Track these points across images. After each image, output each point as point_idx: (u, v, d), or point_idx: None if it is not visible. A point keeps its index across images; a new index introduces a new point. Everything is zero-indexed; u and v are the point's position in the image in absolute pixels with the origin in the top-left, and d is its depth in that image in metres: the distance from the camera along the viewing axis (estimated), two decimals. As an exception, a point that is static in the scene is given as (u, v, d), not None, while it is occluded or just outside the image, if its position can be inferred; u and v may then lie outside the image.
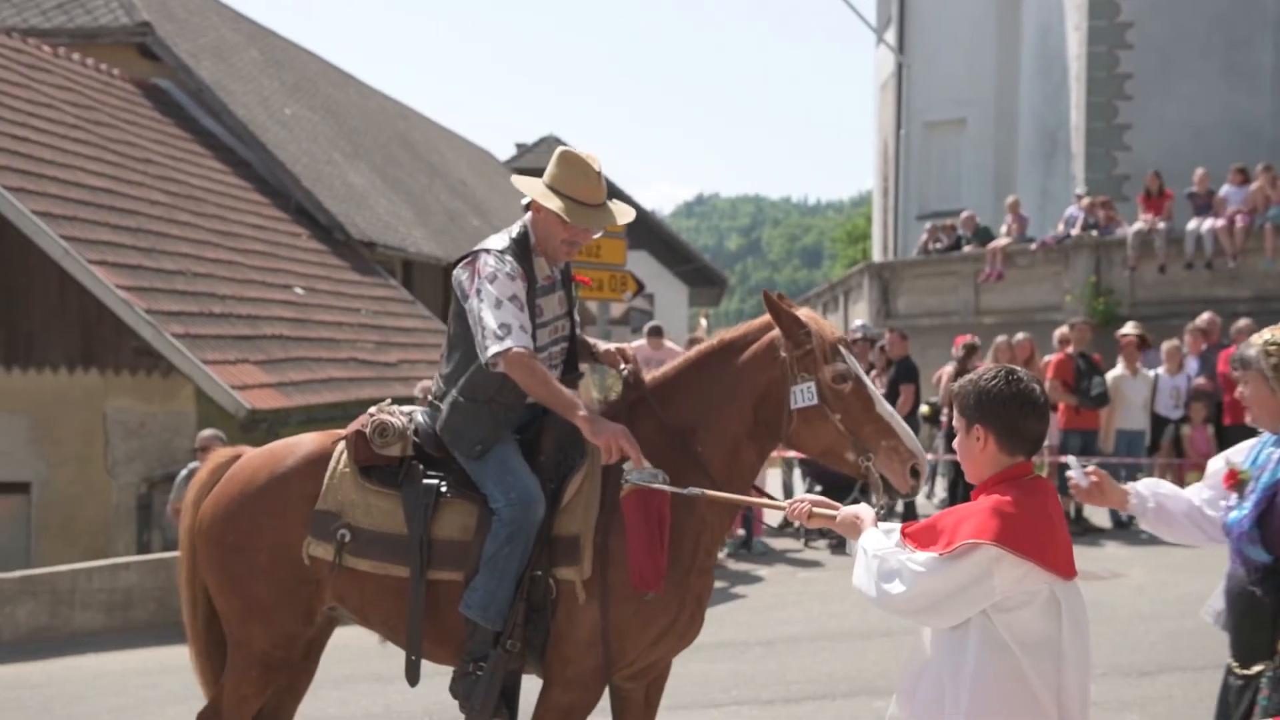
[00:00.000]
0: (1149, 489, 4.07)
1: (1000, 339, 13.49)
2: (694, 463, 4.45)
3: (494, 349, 4.37)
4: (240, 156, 19.27)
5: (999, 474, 3.47)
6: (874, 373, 12.97)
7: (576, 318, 4.91)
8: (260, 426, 12.68)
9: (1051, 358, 13.32)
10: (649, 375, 4.71)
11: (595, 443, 4.35)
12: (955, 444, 3.63)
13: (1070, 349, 13.18)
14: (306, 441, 4.86)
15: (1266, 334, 3.97)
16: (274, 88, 22.62)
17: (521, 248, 4.59)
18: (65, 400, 13.49)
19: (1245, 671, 3.81)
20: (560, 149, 4.66)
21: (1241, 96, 21.88)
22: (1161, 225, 18.47)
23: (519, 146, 40.53)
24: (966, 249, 21.06)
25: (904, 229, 28.69)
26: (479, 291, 4.45)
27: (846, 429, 4.34)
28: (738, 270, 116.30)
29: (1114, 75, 22.54)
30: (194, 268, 14.75)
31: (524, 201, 5.05)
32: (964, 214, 22.24)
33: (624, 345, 4.95)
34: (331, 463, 4.69)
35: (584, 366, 5.08)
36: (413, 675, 4.62)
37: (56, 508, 13.43)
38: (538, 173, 4.75)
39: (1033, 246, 19.82)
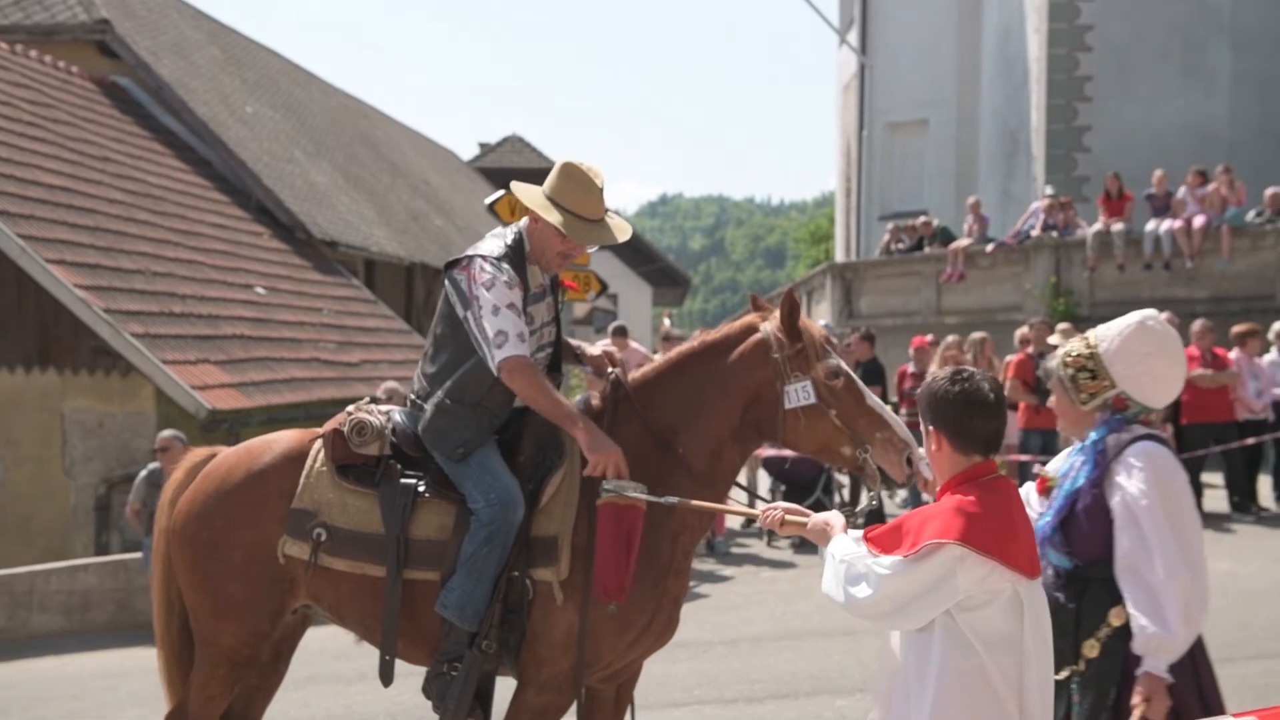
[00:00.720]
0: None
1: (951, 339, 13.55)
2: (676, 463, 4.46)
3: (496, 357, 4.38)
4: (200, 155, 19.12)
5: (960, 474, 3.49)
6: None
7: (561, 321, 4.91)
8: (221, 427, 12.60)
9: (1012, 358, 13.40)
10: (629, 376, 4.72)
11: (589, 458, 4.34)
12: (924, 448, 3.66)
13: (1031, 349, 13.26)
14: (284, 439, 4.82)
15: (1069, 344, 4.02)
16: (235, 85, 22.46)
17: (517, 255, 4.56)
18: (22, 400, 13.35)
19: (1056, 677, 3.80)
20: (563, 161, 4.61)
21: (1199, 99, 22.11)
22: (1121, 226, 18.66)
23: (482, 146, 40.28)
24: (928, 249, 21.21)
25: (866, 229, 28.86)
26: (477, 299, 4.43)
27: (843, 424, 4.37)
28: (701, 270, 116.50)
29: (1074, 78, 22.72)
30: (153, 267, 14.63)
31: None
32: (920, 219, 22.43)
33: (609, 348, 4.94)
34: (308, 461, 4.66)
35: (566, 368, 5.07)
36: (386, 675, 4.59)
37: (13, 508, 13.29)
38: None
39: (989, 249, 19.94)
